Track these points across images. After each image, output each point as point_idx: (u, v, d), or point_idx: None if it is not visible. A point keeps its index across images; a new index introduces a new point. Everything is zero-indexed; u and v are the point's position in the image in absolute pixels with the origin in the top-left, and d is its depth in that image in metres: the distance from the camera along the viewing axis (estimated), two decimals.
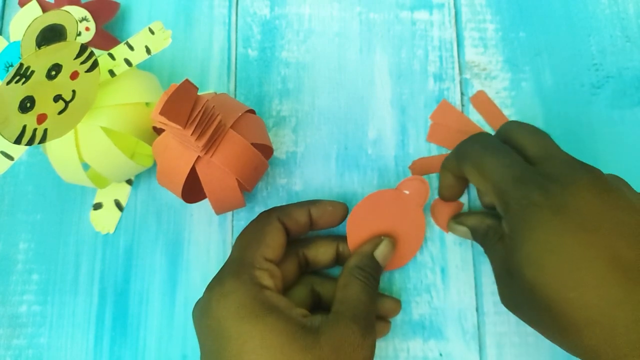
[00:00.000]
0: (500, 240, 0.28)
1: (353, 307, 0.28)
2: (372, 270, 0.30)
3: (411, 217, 0.33)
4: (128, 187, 0.37)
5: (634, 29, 0.39)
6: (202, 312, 0.27)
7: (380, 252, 0.31)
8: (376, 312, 0.31)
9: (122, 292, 0.35)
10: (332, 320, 0.27)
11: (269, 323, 0.25)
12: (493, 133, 0.37)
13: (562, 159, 0.27)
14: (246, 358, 0.25)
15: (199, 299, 0.28)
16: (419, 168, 0.36)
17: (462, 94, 0.38)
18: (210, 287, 0.28)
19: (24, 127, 0.28)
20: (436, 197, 0.35)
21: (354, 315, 0.27)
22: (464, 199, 0.35)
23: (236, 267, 0.28)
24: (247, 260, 0.28)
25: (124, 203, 0.36)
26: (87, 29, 0.38)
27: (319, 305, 0.32)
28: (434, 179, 0.36)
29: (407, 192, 0.34)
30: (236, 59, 0.39)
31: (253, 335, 0.25)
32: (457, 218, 0.33)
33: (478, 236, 0.31)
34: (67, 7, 0.38)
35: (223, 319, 0.26)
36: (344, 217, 0.33)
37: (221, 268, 0.29)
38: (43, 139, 0.28)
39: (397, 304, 0.33)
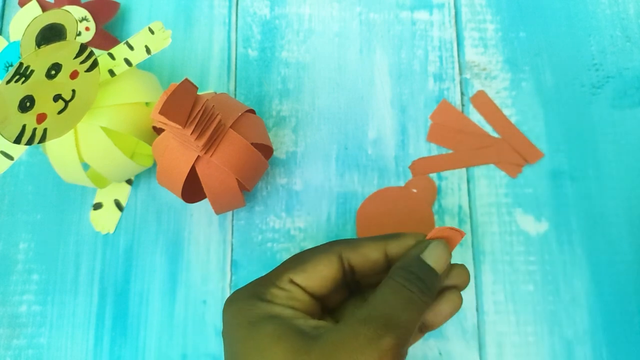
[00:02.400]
0: None
1: (371, 308, 0.23)
2: (419, 273, 0.25)
3: (420, 216, 0.34)
4: (128, 187, 0.37)
5: (634, 29, 0.39)
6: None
7: (430, 254, 0.25)
8: (423, 323, 0.27)
9: (122, 292, 0.35)
10: (340, 325, 0.23)
11: (263, 330, 0.24)
12: (493, 133, 0.37)
13: None
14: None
15: None
16: (419, 168, 0.36)
17: (462, 94, 0.38)
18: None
19: (24, 126, 0.28)
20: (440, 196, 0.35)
21: (367, 317, 0.23)
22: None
23: (258, 280, 0.27)
24: (271, 276, 0.26)
25: (124, 203, 0.36)
26: (87, 28, 0.38)
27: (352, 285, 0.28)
28: (436, 179, 0.36)
29: (414, 190, 0.34)
30: (236, 59, 0.39)
31: (246, 341, 0.24)
32: None
33: None
34: (67, 7, 0.38)
35: (227, 324, 0.26)
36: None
37: None
38: (43, 139, 0.28)
39: (465, 271, 0.27)
